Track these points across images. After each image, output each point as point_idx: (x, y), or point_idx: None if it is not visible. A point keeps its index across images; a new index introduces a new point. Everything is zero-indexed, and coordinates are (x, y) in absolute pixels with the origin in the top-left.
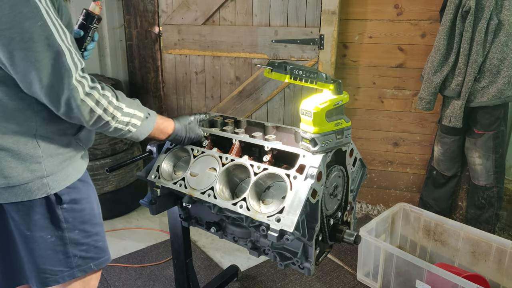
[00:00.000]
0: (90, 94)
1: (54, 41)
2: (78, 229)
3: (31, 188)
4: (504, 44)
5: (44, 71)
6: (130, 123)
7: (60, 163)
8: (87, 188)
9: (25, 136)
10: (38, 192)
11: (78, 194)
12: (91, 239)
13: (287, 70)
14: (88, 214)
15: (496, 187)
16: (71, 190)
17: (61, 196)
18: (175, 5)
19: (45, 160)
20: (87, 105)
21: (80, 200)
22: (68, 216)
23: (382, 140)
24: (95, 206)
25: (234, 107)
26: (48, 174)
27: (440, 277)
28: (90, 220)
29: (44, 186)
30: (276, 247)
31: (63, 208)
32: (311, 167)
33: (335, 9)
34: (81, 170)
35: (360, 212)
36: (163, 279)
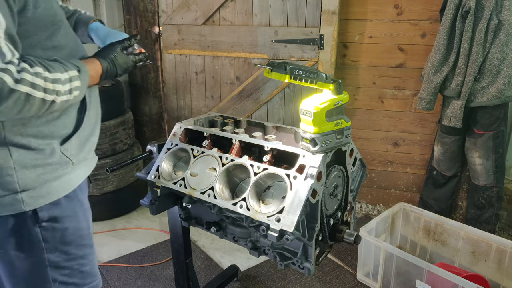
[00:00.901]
0: (22, 78)
1: None
2: (59, 250)
3: (3, 203)
4: (504, 44)
5: None
6: (72, 88)
7: (38, 177)
8: (73, 205)
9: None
10: (10, 208)
11: (60, 211)
12: (75, 262)
13: (287, 70)
14: (72, 234)
15: (496, 187)
16: (51, 207)
17: (39, 213)
18: (175, 5)
19: (18, 173)
20: (20, 92)
21: (62, 218)
22: (47, 236)
23: (382, 140)
24: (83, 225)
25: (234, 107)
26: (22, 189)
27: (440, 277)
28: (74, 241)
29: (17, 202)
30: (276, 247)
31: (41, 227)
32: (311, 167)
33: (335, 9)
34: (70, 186)
35: (360, 212)
36: (163, 279)
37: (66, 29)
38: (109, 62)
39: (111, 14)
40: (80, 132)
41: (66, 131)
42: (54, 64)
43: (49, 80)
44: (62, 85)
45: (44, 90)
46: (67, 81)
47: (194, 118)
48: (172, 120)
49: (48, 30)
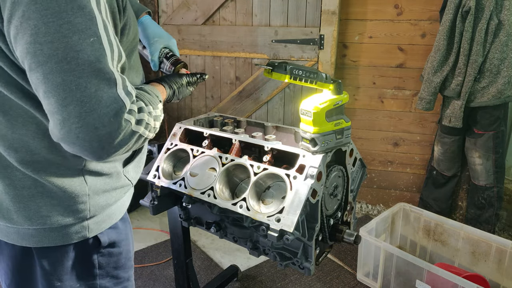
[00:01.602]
0: (141, 120)
1: (106, 65)
2: (111, 275)
3: (69, 232)
4: (504, 44)
5: (86, 105)
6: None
7: (106, 202)
8: (126, 227)
9: (71, 170)
10: (75, 236)
11: (118, 235)
12: (121, 286)
13: (287, 70)
14: (124, 257)
15: (496, 187)
16: (110, 231)
17: (100, 238)
18: (175, 5)
19: (91, 200)
20: (136, 133)
21: (119, 243)
22: (103, 262)
23: (382, 140)
24: (131, 247)
25: (234, 107)
26: (92, 215)
27: (440, 277)
28: (125, 264)
29: (83, 229)
30: (276, 247)
31: (100, 253)
32: (311, 167)
33: (335, 9)
34: (124, 208)
35: (360, 212)
36: (163, 279)
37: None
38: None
39: None
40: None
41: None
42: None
43: (152, 117)
44: (159, 122)
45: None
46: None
47: (194, 118)
48: (172, 120)
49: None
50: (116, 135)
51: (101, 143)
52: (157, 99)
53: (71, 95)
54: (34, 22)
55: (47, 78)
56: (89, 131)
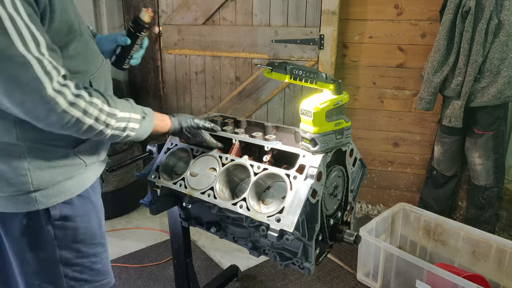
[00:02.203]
0: (74, 103)
1: (15, 51)
2: (71, 248)
3: (18, 201)
4: (504, 44)
5: (8, 86)
6: (128, 127)
7: (52, 177)
8: (85, 205)
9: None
10: (24, 206)
11: (72, 210)
12: (86, 260)
13: (287, 70)
14: (83, 233)
15: (496, 187)
16: (64, 206)
17: (51, 211)
18: (175, 5)
19: (32, 173)
20: (71, 115)
21: (73, 218)
22: (59, 234)
23: (382, 140)
24: (95, 225)
25: (234, 107)
26: (36, 188)
27: (440, 277)
28: (85, 240)
29: (31, 200)
30: (276, 247)
31: (54, 225)
32: (311, 167)
33: (335, 9)
34: (82, 186)
35: (360, 212)
36: (163, 279)
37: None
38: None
39: (111, 14)
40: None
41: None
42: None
43: (104, 113)
44: (115, 121)
45: (95, 119)
46: (124, 119)
47: None
48: None
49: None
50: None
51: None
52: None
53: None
54: None
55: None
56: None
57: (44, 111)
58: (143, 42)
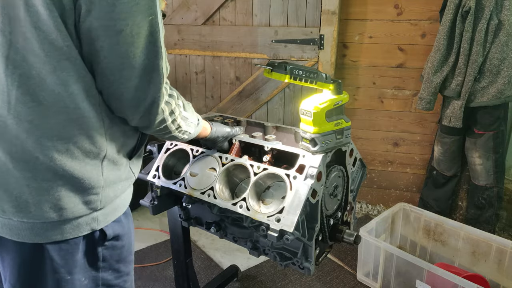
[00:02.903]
0: (168, 102)
1: (158, 40)
2: (113, 268)
3: (80, 223)
4: (504, 44)
5: (138, 70)
6: (187, 131)
7: (114, 194)
8: (129, 222)
9: (93, 159)
10: (85, 228)
11: (122, 229)
12: (121, 279)
13: (287, 70)
14: (126, 251)
15: (496, 187)
16: (115, 224)
17: (106, 231)
18: (175, 5)
19: (103, 191)
20: (163, 113)
21: (122, 236)
22: (107, 254)
23: (382, 140)
24: (133, 241)
25: (234, 107)
26: (102, 207)
27: (440, 277)
28: (126, 258)
29: (93, 221)
30: (276, 247)
31: (104, 245)
32: (311, 167)
33: (335, 9)
34: (127, 202)
35: (360, 212)
36: (163, 279)
37: None
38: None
39: None
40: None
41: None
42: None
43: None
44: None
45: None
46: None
47: None
48: None
49: None
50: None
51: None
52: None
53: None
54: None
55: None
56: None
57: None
58: None
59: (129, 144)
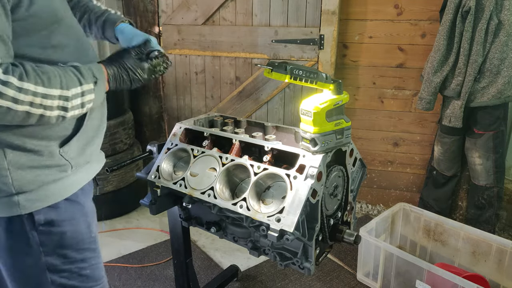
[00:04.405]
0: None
1: None
2: (57, 254)
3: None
4: (504, 44)
5: None
6: (85, 101)
7: (34, 179)
8: (72, 209)
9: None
10: (6, 211)
11: (58, 215)
12: (74, 265)
13: (287, 70)
14: (70, 238)
15: (496, 187)
16: (48, 210)
17: (35, 216)
18: (175, 5)
19: (12, 174)
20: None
21: (59, 222)
22: (44, 239)
23: (382, 140)
24: (83, 229)
25: (234, 107)
26: (18, 191)
27: (440, 277)
28: (73, 245)
29: (14, 205)
30: (276, 247)
31: (38, 230)
32: (311, 167)
33: (335, 9)
34: (69, 190)
35: (360, 212)
36: (163, 279)
37: (69, 27)
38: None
39: None
40: (80, 135)
41: (65, 133)
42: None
43: (39, 95)
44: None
45: (30, 104)
46: (77, 95)
47: (194, 118)
48: (172, 120)
49: (48, 28)
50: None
51: None
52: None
53: None
54: None
55: None
56: None
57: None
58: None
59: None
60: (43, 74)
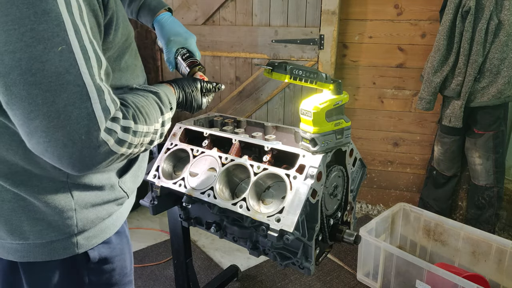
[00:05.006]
0: (123, 140)
1: (78, 76)
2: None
3: (56, 248)
4: (504, 44)
5: (54, 120)
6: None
7: (96, 217)
8: (121, 242)
9: (54, 182)
10: (63, 252)
11: (110, 251)
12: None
13: (287, 70)
14: (118, 274)
15: (496, 187)
16: (102, 247)
17: (90, 254)
18: (175, 5)
19: (78, 214)
20: (115, 153)
21: (111, 259)
22: (94, 279)
23: (382, 140)
24: (128, 263)
25: (234, 107)
26: (80, 231)
27: (440, 277)
28: (119, 280)
29: (71, 245)
30: (276, 247)
31: (89, 269)
32: (311, 167)
33: (335, 9)
34: (120, 221)
35: (360, 212)
36: (163, 279)
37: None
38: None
39: None
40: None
41: (122, 164)
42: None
43: (143, 135)
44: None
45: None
46: (159, 126)
47: (194, 118)
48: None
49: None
50: (89, 153)
51: (72, 160)
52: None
53: (37, 109)
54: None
55: (10, 90)
56: (58, 147)
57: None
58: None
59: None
60: (142, 108)
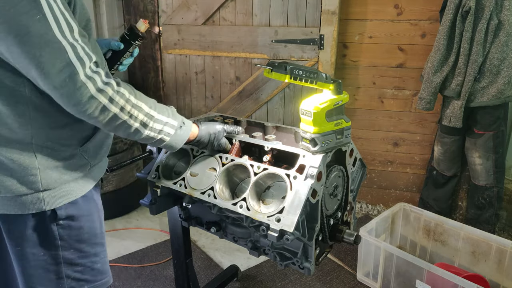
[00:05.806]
0: (102, 90)
1: (54, 37)
2: (74, 248)
3: (25, 202)
4: (504, 44)
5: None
6: (163, 131)
7: (59, 177)
8: (88, 205)
9: (20, 144)
10: (31, 207)
11: (77, 210)
12: (87, 260)
13: (287, 70)
14: (87, 232)
15: (496, 187)
16: (69, 206)
17: (57, 211)
18: (175, 5)
19: (42, 173)
20: (98, 102)
21: (78, 217)
22: (64, 234)
23: (382, 140)
24: (97, 225)
25: (234, 107)
26: (45, 188)
27: (440, 277)
28: (89, 239)
29: (39, 201)
30: (276, 247)
31: (59, 225)
32: (311, 167)
33: (335, 9)
34: (87, 187)
35: (360, 212)
36: (163, 279)
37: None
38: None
39: (111, 14)
40: (97, 135)
41: (85, 134)
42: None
43: (130, 103)
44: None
45: (120, 108)
46: (161, 122)
47: (194, 118)
48: None
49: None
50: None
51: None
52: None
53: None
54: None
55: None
56: (52, 89)
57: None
58: (134, 51)
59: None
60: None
